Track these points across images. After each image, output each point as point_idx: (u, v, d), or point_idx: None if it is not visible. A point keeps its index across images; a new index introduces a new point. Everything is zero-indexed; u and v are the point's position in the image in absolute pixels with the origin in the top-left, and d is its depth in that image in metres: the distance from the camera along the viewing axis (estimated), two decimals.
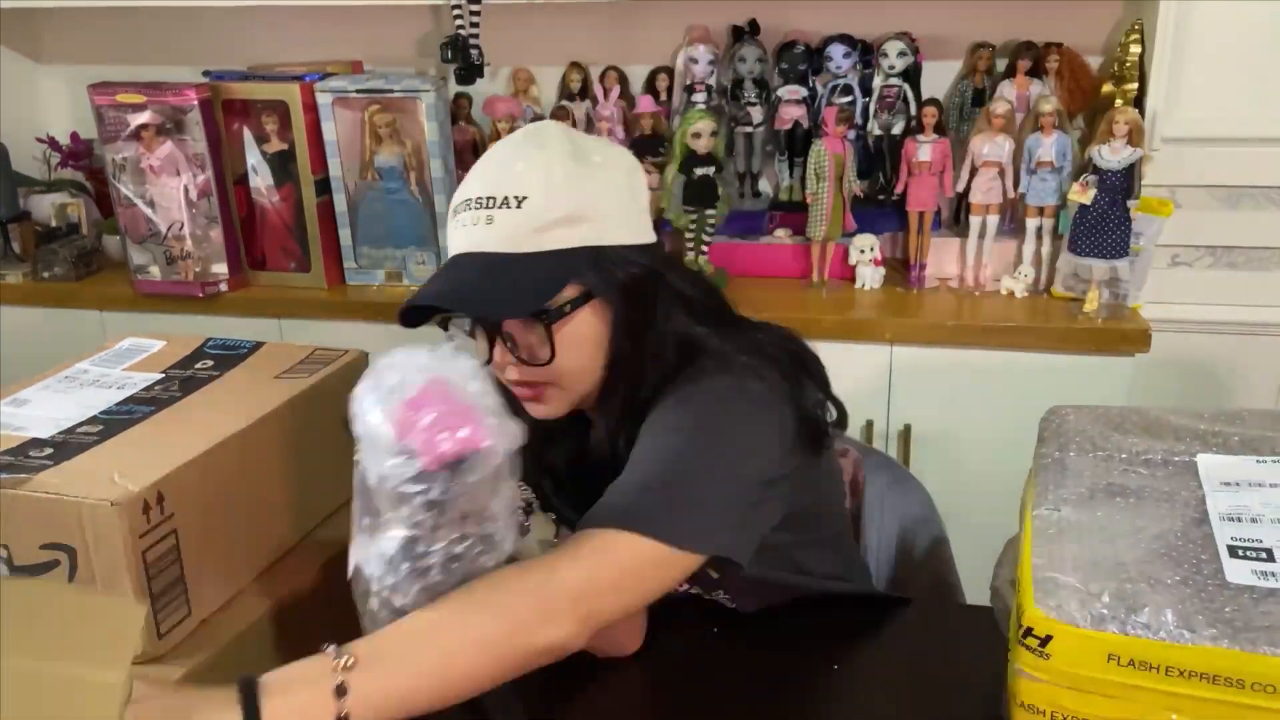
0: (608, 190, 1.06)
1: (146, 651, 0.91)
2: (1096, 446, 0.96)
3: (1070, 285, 1.99)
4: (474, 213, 1.03)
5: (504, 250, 1.02)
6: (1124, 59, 1.99)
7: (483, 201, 1.03)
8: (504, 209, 1.02)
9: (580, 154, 1.05)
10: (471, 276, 1.03)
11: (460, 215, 1.05)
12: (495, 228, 1.02)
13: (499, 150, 1.08)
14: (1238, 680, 0.72)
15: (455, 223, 1.06)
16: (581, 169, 1.04)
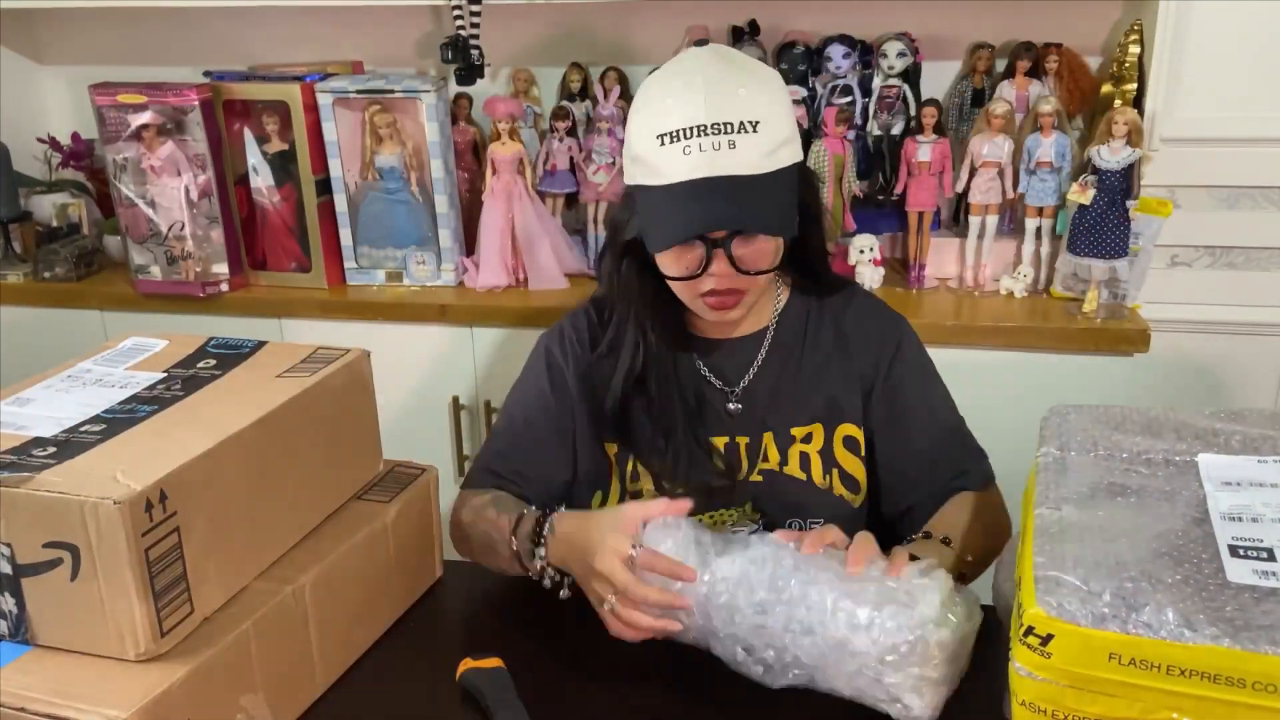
0: (790, 108, 1.19)
1: (148, 650, 0.91)
2: (1097, 446, 0.96)
3: (1069, 285, 1.99)
4: (712, 138, 1.10)
5: (748, 173, 1.12)
6: (1123, 59, 1.99)
7: (719, 127, 1.10)
8: (743, 134, 1.11)
9: (772, 75, 1.20)
10: (730, 199, 1.12)
11: (688, 141, 1.11)
12: (739, 153, 1.11)
13: (704, 74, 1.14)
14: (1238, 679, 0.73)
15: (677, 149, 1.12)
16: (780, 91, 1.18)
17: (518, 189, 2.11)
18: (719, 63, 1.16)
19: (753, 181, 1.12)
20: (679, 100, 1.13)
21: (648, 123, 1.15)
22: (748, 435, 1.30)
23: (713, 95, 1.11)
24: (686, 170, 1.12)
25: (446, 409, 2.16)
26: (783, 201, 1.17)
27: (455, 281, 2.19)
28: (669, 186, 1.13)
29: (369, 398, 1.21)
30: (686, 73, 1.15)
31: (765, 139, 1.12)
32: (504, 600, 1.28)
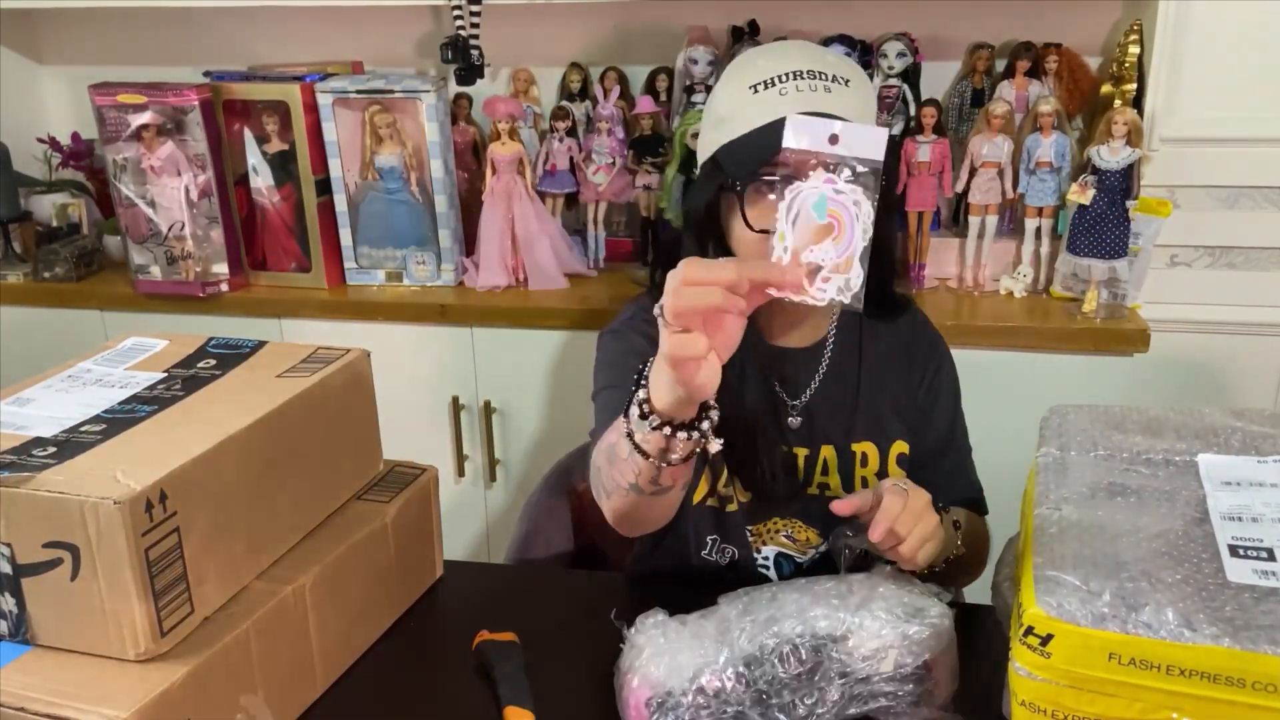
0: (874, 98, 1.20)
1: (148, 650, 0.91)
2: (1097, 446, 0.96)
3: (1069, 285, 1.99)
4: (809, 81, 1.10)
5: (845, 116, 1.06)
6: (1123, 59, 1.99)
7: (815, 74, 1.11)
8: (837, 84, 1.11)
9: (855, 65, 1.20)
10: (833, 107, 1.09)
11: (785, 84, 1.11)
12: (834, 97, 1.10)
13: (793, 44, 1.17)
14: (1238, 679, 0.73)
15: (773, 93, 1.11)
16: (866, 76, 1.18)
17: (518, 189, 2.11)
18: (802, 43, 1.19)
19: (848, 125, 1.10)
20: (771, 58, 1.14)
21: (736, 82, 1.15)
22: (807, 448, 1.29)
23: (805, 52, 1.14)
24: (783, 107, 1.07)
25: (446, 409, 2.16)
26: (882, 144, 1.13)
27: (455, 281, 2.19)
28: (761, 127, 1.10)
29: (369, 398, 1.21)
30: (774, 45, 1.18)
31: (858, 96, 1.13)
32: (504, 600, 1.28)
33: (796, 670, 0.97)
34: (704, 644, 0.99)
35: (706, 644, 0.99)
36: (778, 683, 0.97)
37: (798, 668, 0.97)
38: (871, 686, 0.98)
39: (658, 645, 1.00)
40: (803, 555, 1.30)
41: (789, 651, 0.97)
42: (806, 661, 0.97)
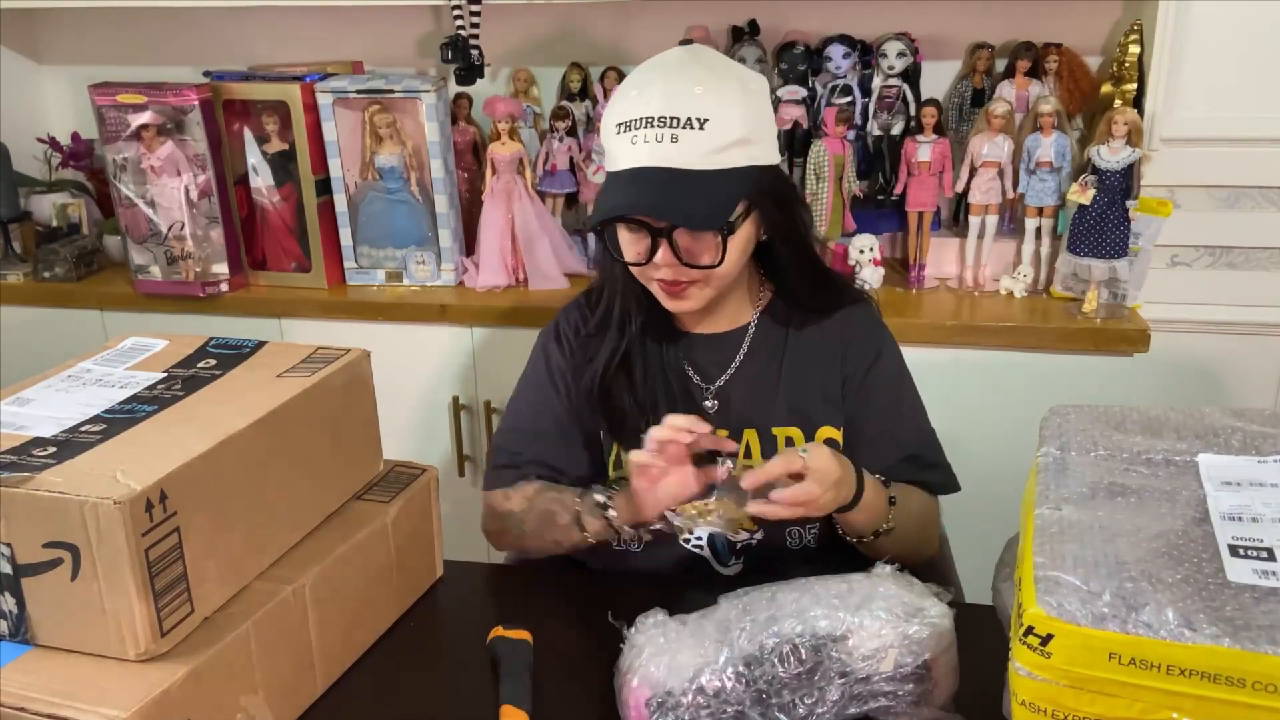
0: (763, 115, 1.21)
1: (148, 650, 0.91)
2: (1097, 446, 0.96)
3: (1069, 285, 1.99)
4: (656, 130, 1.14)
5: (687, 167, 1.15)
6: (1123, 59, 1.99)
7: (665, 120, 1.14)
8: (688, 129, 1.14)
9: (742, 80, 1.20)
10: (662, 189, 1.15)
11: (636, 131, 1.15)
12: (680, 146, 1.14)
13: (667, 70, 1.18)
14: (1238, 679, 0.73)
15: (627, 138, 1.16)
16: (746, 95, 1.18)
17: (518, 189, 2.11)
18: (689, 61, 1.19)
19: (690, 176, 1.15)
20: (640, 92, 1.17)
21: (612, 111, 1.20)
22: (727, 430, 1.31)
23: (668, 90, 1.15)
24: (631, 159, 1.17)
25: (446, 409, 2.16)
26: (720, 201, 1.17)
27: (455, 281, 2.19)
28: (615, 172, 1.19)
29: (369, 398, 1.21)
30: (654, 68, 1.20)
31: (711, 137, 1.14)
32: (504, 600, 1.28)
33: (796, 670, 0.97)
34: (704, 644, 0.99)
35: (706, 644, 0.99)
36: (777, 682, 0.97)
37: (797, 667, 0.97)
38: (871, 686, 0.98)
39: (658, 645, 1.00)
40: (735, 535, 1.31)
41: (789, 651, 0.97)
42: (806, 661, 0.97)
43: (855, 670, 0.97)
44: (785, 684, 0.97)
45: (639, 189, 1.16)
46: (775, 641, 0.97)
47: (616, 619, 1.06)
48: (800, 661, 0.97)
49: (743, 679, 0.97)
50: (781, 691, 0.97)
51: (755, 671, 0.97)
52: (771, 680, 0.97)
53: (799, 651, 0.97)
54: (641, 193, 1.16)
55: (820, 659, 0.97)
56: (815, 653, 0.97)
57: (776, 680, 0.97)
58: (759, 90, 1.22)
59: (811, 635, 0.98)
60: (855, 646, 0.97)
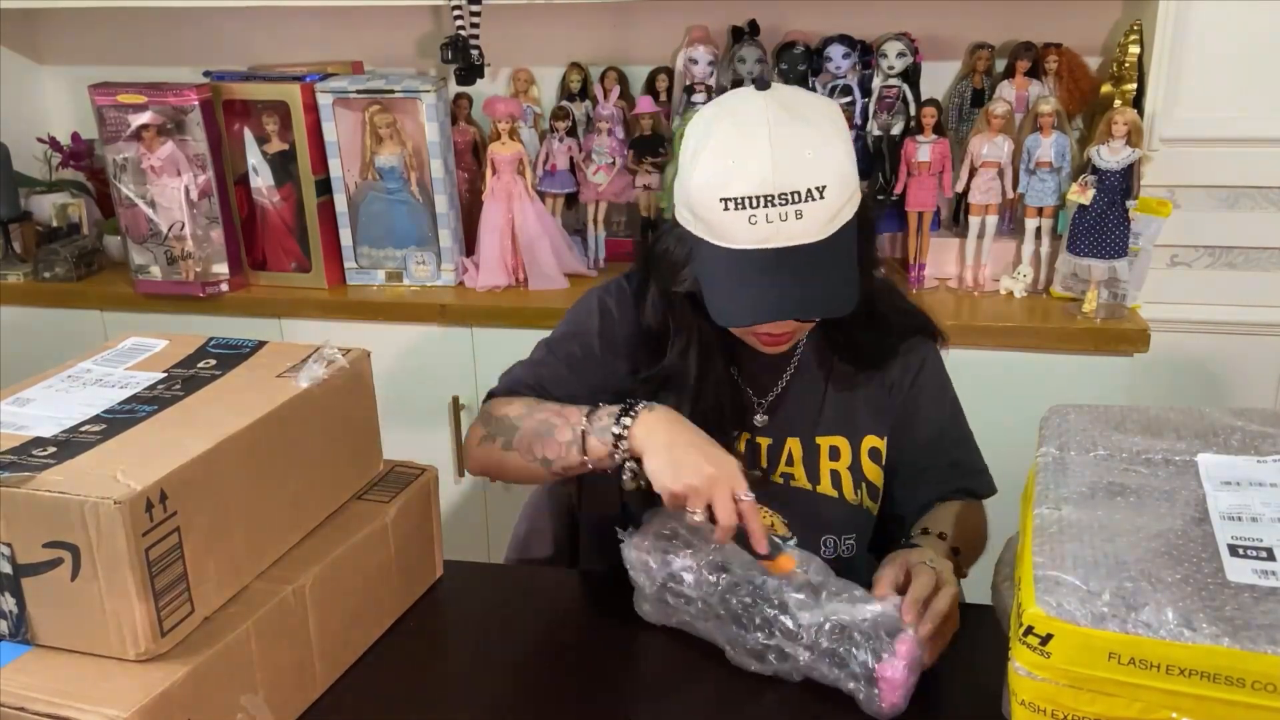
0: (852, 151, 1.14)
1: (148, 649, 0.91)
2: (1097, 446, 0.96)
3: (1069, 285, 1.99)
4: (779, 209, 1.07)
5: (814, 240, 1.09)
6: (1123, 59, 1.99)
7: (786, 198, 1.07)
8: (809, 202, 1.08)
9: (832, 120, 1.14)
10: (800, 278, 1.10)
11: (754, 211, 1.08)
12: (805, 222, 1.08)
13: (770, 134, 1.08)
14: (1238, 679, 0.73)
15: (743, 216, 1.08)
16: (842, 138, 1.13)
17: (518, 189, 2.11)
18: (785, 118, 1.10)
19: (817, 250, 1.09)
20: (746, 163, 1.08)
21: (712, 181, 1.10)
22: (770, 438, 1.31)
23: (781, 161, 1.07)
24: (753, 240, 1.09)
25: (446, 409, 2.16)
26: (847, 267, 1.14)
27: (455, 281, 2.19)
28: (733, 252, 1.10)
29: (369, 398, 1.21)
30: (751, 128, 1.09)
31: (831, 203, 1.09)
32: (505, 600, 1.28)
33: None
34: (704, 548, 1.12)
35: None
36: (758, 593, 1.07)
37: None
38: (843, 641, 1.02)
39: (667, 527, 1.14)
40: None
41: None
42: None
43: (838, 607, 1.03)
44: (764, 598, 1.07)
45: (775, 283, 1.10)
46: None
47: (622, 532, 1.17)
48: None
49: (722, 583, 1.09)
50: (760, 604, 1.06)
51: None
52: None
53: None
54: (782, 290, 1.10)
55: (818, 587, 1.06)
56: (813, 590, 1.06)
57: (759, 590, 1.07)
58: (844, 123, 1.16)
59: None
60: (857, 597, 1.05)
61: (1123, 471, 0.91)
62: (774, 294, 1.10)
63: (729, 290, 1.12)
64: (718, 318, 1.13)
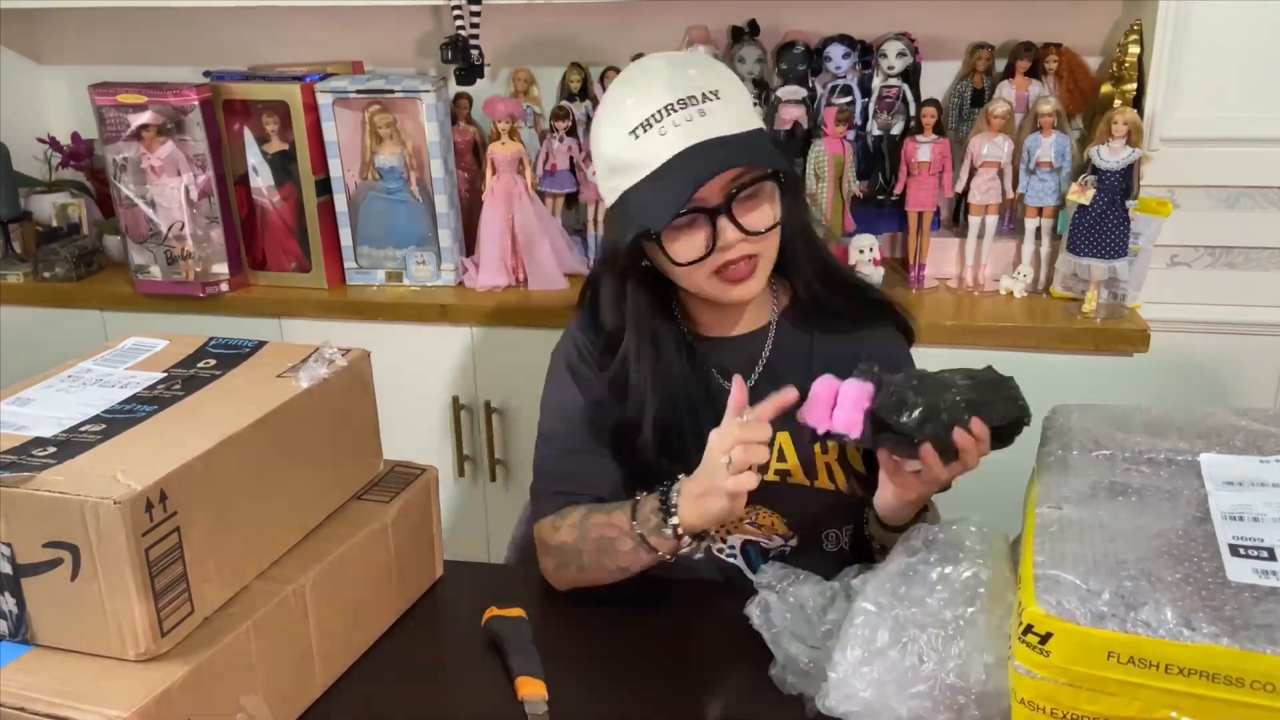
0: (748, 97, 1.22)
1: (148, 649, 0.91)
2: (1100, 445, 0.96)
3: (1069, 285, 1.99)
4: (681, 113, 1.14)
5: (727, 133, 1.14)
6: (1123, 59, 1.99)
7: (684, 102, 1.14)
8: (708, 102, 1.15)
9: (719, 64, 1.24)
10: (719, 153, 1.14)
11: (661, 123, 1.14)
12: (709, 118, 1.15)
13: (656, 68, 1.18)
14: (1237, 678, 0.73)
15: (654, 133, 1.14)
16: (733, 78, 1.20)
17: (518, 189, 2.11)
18: (663, 58, 1.20)
19: (733, 139, 1.15)
20: (638, 96, 1.16)
21: (615, 128, 1.18)
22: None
23: (669, 81, 1.15)
24: (668, 148, 1.14)
25: (446, 409, 2.16)
26: (766, 146, 1.21)
27: (455, 281, 2.19)
28: (655, 170, 1.15)
29: (369, 398, 1.21)
30: (635, 74, 1.20)
31: (731, 104, 1.16)
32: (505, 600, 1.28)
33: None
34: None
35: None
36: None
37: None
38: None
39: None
40: (769, 541, 1.30)
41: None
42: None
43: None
44: None
45: (694, 165, 1.13)
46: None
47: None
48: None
49: None
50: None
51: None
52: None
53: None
54: (702, 161, 1.13)
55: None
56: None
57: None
58: (738, 80, 1.23)
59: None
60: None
61: (1125, 471, 0.91)
62: (694, 168, 1.14)
63: (660, 198, 1.16)
64: (660, 220, 1.16)
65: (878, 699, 0.93)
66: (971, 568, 0.97)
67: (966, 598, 0.95)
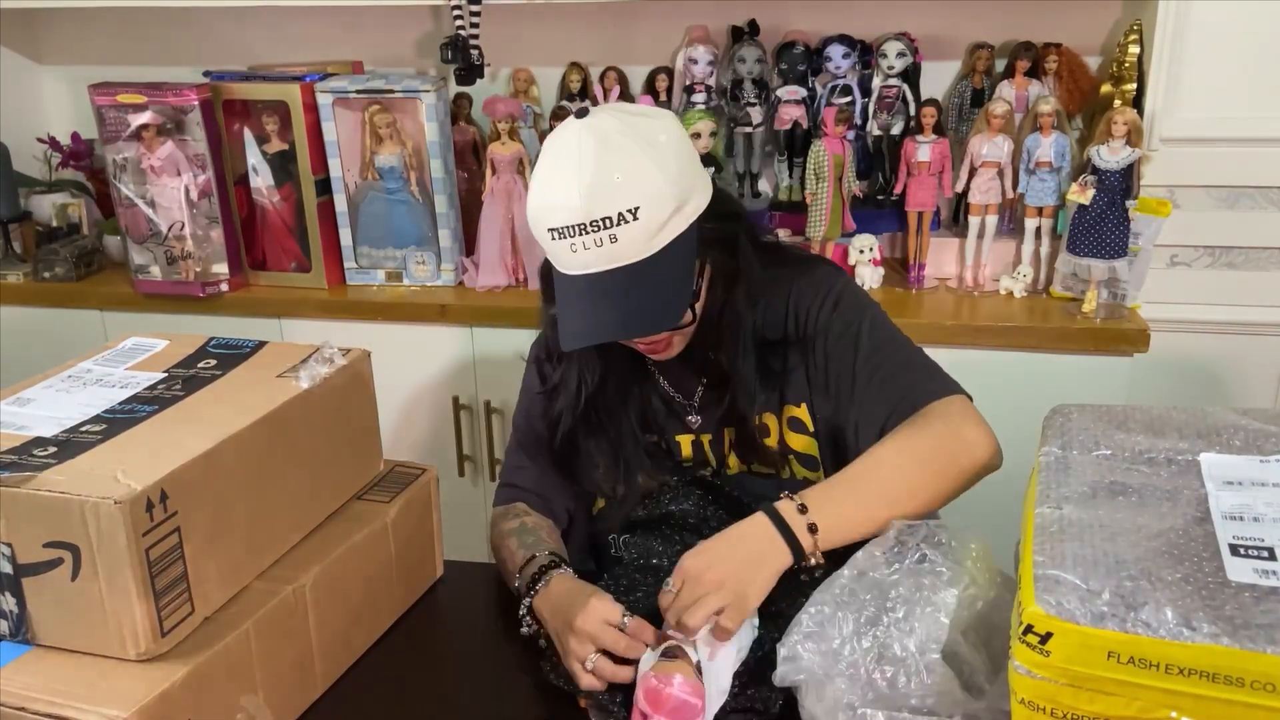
0: (684, 164, 1.14)
1: (148, 649, 0.91)
2: (1099, 445, 0.96)
3: (1069, 285, 1.99)
4: (594, 235, 1.10)
5: (636, 259, 1.11)
6: (1123, 59, 1.99)
7: (598, 224, 1.09)
8: (623, 225, 1.10)
9: (649, 141, 1.12)
10: (624, 297, 1.12)
11: (574, 239, 1.11)
12: (621, 245, 1.11)
13: (580, 167, 1.09)
14: (1237, 678, 0.73)
15: (565, 245, 1.12)
16: (660, 159, 1.12)
17: (517, 189, 2.11)
18: (592, 146, 1.10)
19: (640, 268, 1.12)
20: (557, 194, 1.11)
21: (537, 214, 1.14)
22: (710, 433, 1.32)
23: (587, 189, 1.09)
24: (578, 265, 1.13)
25: (446, 409, 2.16)
26: (675, 280, 1.15)
27: (455, 281, 2.19)
28: (567, 278, 1.15)
29: (369, 398, 1.21)
30: (562, 159, 1.12)
31: (646, 223, 1.10)
32: (505, 600, 1.28)
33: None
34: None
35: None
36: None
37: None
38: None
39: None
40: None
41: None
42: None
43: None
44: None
45: (597, 306, 1.13)
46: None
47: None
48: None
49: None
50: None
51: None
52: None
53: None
54: (601, 312, 1.13)
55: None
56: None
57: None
58: (670, 139, 1.14)
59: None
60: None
61: (1125, 471, 0.91)
62: (594, 317, 1.14)
63: (566, 313, 1.17)
64: (560, 342, 1.17)
65: (822, 669, 0.94)
66: (926, 553, 0.98)
67: (917, 582, 0.96)
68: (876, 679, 0.92)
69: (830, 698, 0.93)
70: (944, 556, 0.98)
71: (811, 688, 0.95)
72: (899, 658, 0.92)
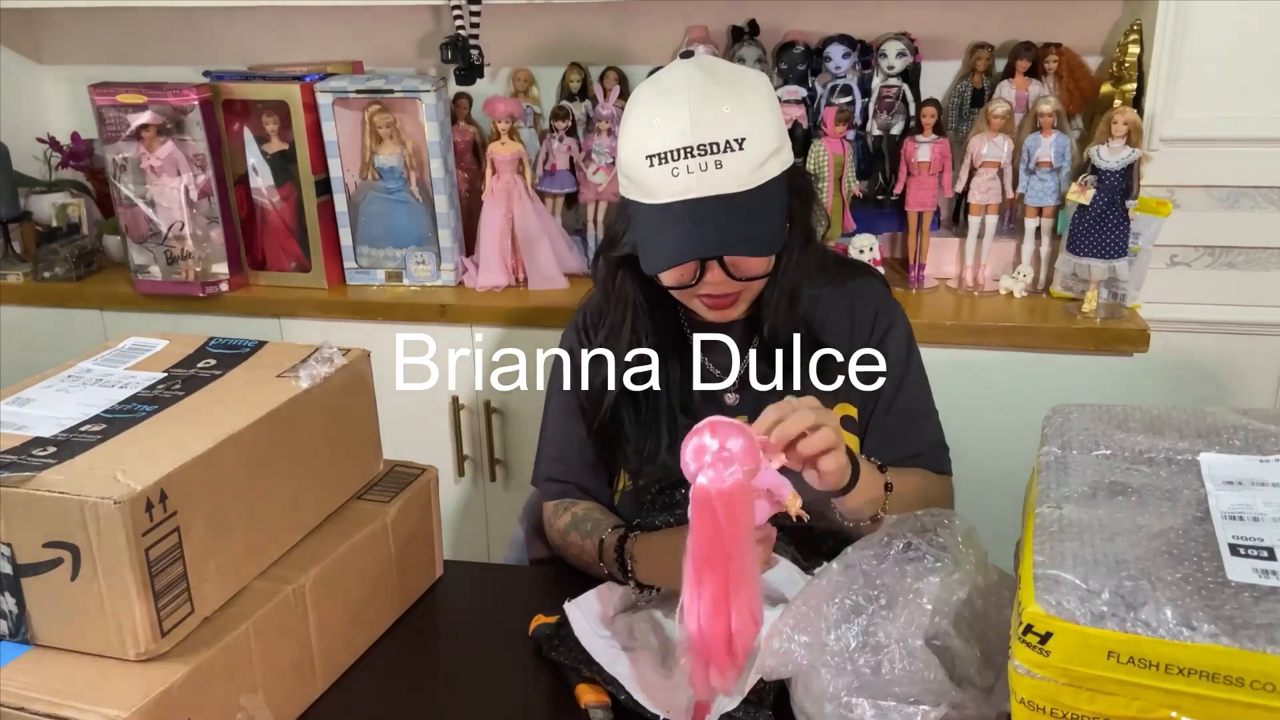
0: (780, 117, 1.20)
1: (148, 649, 0.91)
2: (1100, 445, 0.96)
3: (1069, 285, 1.99)
4: (699, 159, 1.12)
5: (736, 190, 1.14)
6: (1123, 59, 1.99)
7: (705, 148, 1.12)
8: (729, 152, 1.12)
9: (756, 85, 1.19)
10: (720, 221, 1.14)
11: (676, 163, 1.13)
12: (725, 172, 1.13)
13: (689, 93, 1.13)
14: (1237, 678, 0.73)
15: (665, 170, 1.13)
16: (768, 101, 1.18)
17: (517, 189, 2.11)
18: (704, 78, 1.15)
19: (740, 199, 1.14)
20: (665, 120, 1.14)
21: (637, 142, 1.16)
22: (747, 414, 1.30)
23: (698, 115, 1.12)
24: (676, 191, 1.14)
25: (446, 409, 2.16)
26: (772, 216, 1.19)
27: (455, 281, 2.19)
28: (660, 206, 1.15)
29: (369, 397, 1.21)
30: (672, 90, 1.15)
31: (751, 155, 1.13)
32: (505, 600, 1.28)
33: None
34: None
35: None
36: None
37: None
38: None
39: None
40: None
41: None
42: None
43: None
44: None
45: (696, 225, 1.14)
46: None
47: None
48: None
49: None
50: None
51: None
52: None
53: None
54: (700, 230, 1.14)
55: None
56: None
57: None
58: (770, 90, 1.20)
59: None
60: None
61: (1125, 471, 0.91)
62: (693, 236, 1.15)
63: (655, 241, 1.18)
64: (644, 266, 1.19)
65: (808, 661, 0.94)
66: (912, 540, 0.98)
67: (902, 570, 0.96)
68: (861, 667, 0.92)
69: (816, 689, 0.93)
70: (929, 544, 0.98)
71: (799, 680, 0.95)
72: (882, 644, 0.92)
